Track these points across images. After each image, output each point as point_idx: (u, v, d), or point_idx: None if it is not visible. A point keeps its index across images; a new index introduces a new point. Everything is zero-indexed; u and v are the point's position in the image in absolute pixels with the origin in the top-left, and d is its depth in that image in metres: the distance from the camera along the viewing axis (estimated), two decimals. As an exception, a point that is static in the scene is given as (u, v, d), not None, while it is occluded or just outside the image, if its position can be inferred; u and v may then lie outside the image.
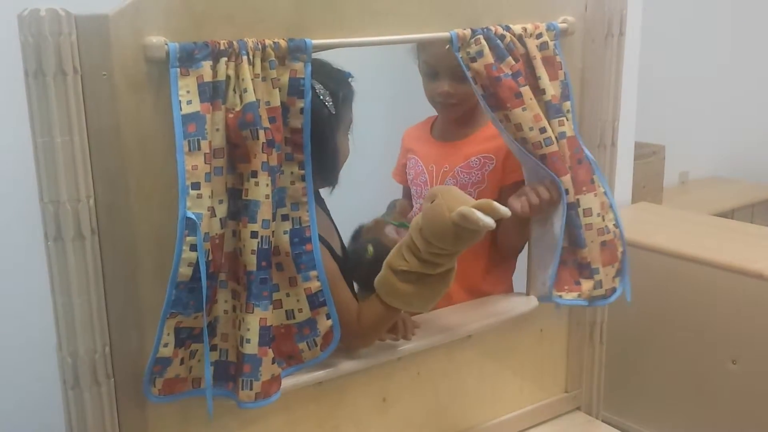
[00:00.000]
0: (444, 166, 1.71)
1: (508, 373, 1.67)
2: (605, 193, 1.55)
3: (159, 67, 1.11)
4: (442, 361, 1.55)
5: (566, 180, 1.47)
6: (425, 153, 1.77)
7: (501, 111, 1.43)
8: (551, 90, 1.45)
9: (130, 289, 1.17)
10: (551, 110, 1.46)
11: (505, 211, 1.26)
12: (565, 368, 1.77)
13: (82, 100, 1.07)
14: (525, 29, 1.43)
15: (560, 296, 1.54)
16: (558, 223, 1.51)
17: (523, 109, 1.42)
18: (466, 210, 1.24)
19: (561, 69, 1.48)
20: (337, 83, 1.37)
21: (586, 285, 1.54)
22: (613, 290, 1.59)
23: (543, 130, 1.43)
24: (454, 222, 1.26)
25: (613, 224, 1.56)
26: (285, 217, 1.27)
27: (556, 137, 1.46)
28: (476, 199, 1.29)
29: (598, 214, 1.51)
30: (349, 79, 1.42)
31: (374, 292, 1.39)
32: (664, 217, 2.63)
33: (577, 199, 1.49)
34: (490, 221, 1.23)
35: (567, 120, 1.48)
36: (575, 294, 1.54)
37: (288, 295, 1.30)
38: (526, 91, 1.42)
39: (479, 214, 1.23)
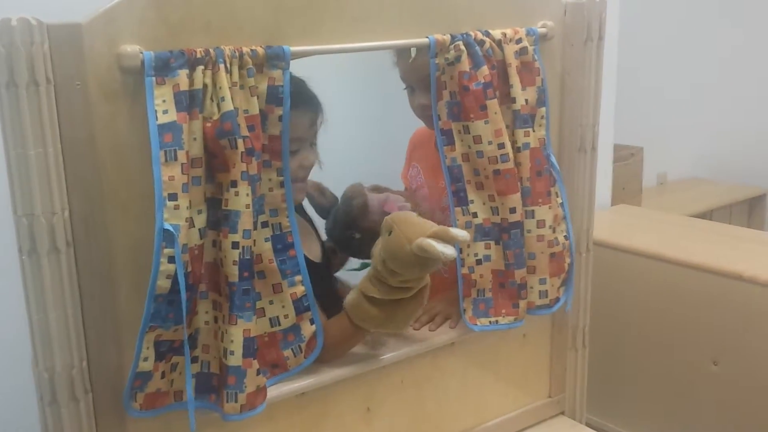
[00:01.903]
0: (441, 183, 1.67)
1: (492, 379, 1.66)
2: (561, 204, 1.56)
3: (134, 76, 1.09)
4: (426, 369, 1.54)
5: (514, 199, 1.46)
6: (427, 166, 1.73)
7: (461, 122, 1.42)
8: (521, 99, 1.45)
9: (107, 303, 1.15)
10: (518, 120, 1.46)
11: (463, 236, 1.24)
12: (549, 373, 1.77)
13: (56, 110, 1.05)
14: (504, 34, 1.43)
15: (496, 321, 1.53)
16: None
17: (486, 122, 1.41)
18: (426, 243, 1.21)
19: (539, 75, 1.48)
20: None
21: (523, 305, 1.54)
22: (557, 300, 1.59)
23: (501, 146, 1.43)
24: (415, 253, 1.23)
25: (564, 236, 1.57)
26: (265, 224, 1.26)
27: (518, 148, 1.46)
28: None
29: (550, 227, 1.52)
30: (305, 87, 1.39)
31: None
32: (644, 220, 2.64)
33: (533, 210, 1.49)
34: (451, 252, 1.21)
35: (534, 130, 1.48)
36: (512, 318, 1.53)
37: (271, 302, 1.28)
38: (493, 104, 1.41)
39: (439, 247, 1.20)
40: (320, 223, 1.68)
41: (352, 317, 1.35)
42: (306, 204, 1.64)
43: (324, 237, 1.67)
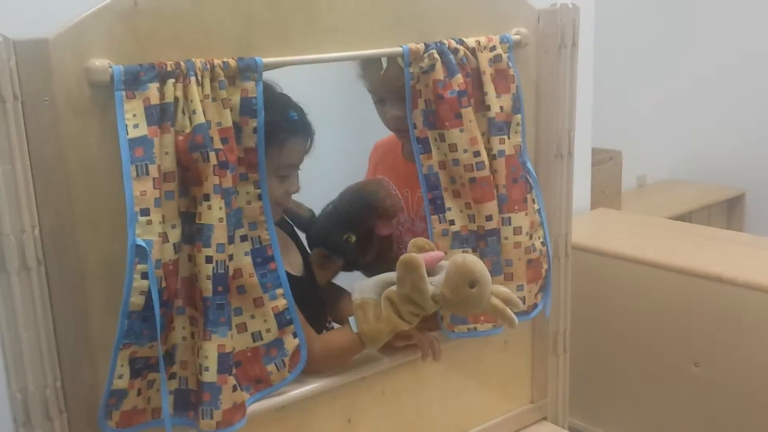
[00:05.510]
0: (419, 192, 1.65)
1: (474, 386, 1.66)
2: (539, 211, 1.56)
3: (103, 90, 1.08)
4: (407, 378, 1.53)
5: (491, 206, 1.46)
6: (396, 175, 1.72)
7: (437, 130, 1.42)
8: (496, 106, 1.45)
9: (80, 321, 1.13)
10: (493, 128, 1.45)
11: (520, 304, 1.35)
12: (530, 379, 1.77)
13: (24, 127, 1.04)
14: (478, 42, 1.43)
15: (475, 328, 1.53)
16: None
17: (461, 131, 1.41)
18: (501, 307, 1.31)
19: (513, 82, 1.48)
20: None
21: None
22: (535, 306, 1.60)
23: (477, 154, 1.43)
24: (491, 305, 1.32)
25: (541, 242, 1.57)
26: (244, 238, 1.25)
27: (494, 155, 1.46)
28: None
29: (527, 233, 1.52)
30: (292, 114, 1.38)
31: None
32: (623, 223, 2.65)
33: (509, 217, 1.49)
34: (514, 320, 1.32)
35: (509, 138, 1.48)
36: (490, 325, 1.54)
37: (253, 317, 1.27)
38: (468, 112, 1.41)
39: (509, 312, 1.31)
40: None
41: (366, 342, 1.36)
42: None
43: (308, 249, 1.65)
